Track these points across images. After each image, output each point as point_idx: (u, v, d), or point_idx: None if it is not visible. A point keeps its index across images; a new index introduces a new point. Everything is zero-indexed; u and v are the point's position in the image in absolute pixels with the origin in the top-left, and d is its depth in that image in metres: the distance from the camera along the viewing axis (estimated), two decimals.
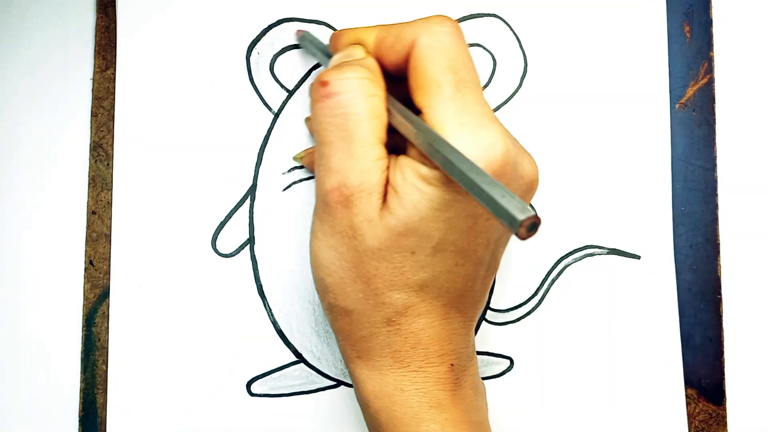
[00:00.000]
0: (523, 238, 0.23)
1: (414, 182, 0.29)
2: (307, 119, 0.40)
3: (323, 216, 0.31)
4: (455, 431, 0.32)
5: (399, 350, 0.32)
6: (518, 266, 0.41)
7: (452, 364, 0.32)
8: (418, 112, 0.31)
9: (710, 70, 0.41)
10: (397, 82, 0.32)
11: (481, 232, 0.31)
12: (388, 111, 0.31)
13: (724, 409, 0.40)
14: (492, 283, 0.35)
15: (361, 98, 0.30)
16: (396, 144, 0.31)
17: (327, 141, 0.31)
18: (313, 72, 0.41)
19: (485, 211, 0.30)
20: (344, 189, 0.30)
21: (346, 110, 0.30)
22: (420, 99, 0.30)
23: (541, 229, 0.41)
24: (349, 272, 0.31)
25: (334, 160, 0.30)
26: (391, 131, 0.31)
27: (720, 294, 0.41)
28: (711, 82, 0.41)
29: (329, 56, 0.35)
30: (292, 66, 0.41)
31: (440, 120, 0.29)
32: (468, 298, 0.33)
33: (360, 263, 0.31)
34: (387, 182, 0.30)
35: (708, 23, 0.41)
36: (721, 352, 0.40)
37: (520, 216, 0.23)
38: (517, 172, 0.31)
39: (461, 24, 0.41)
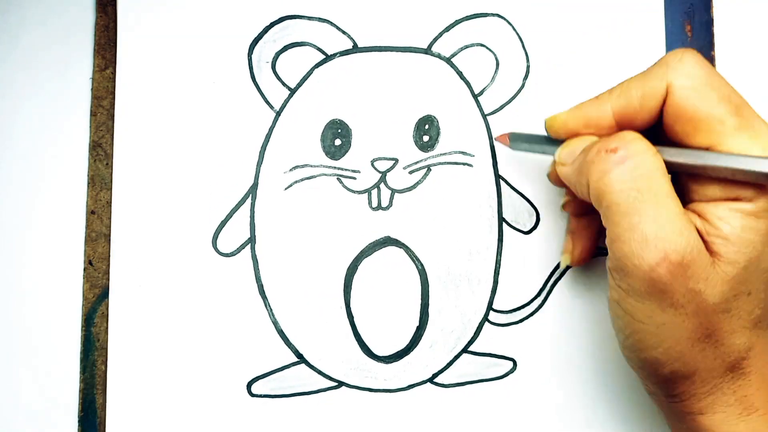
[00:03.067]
0: None
1: (743, 222, 0.28)
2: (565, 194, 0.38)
3: (649, 296, 0.29)
4: None
5: (746, 395, 0.31)
6: (521, 267, 0.41)
7: None
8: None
9: None
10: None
11: None
12: (671, 162, 0.30)
13: None
14: None
15: (654, 156, 0.29)
16: None
17: (631, 209, 0.29)
18: (316, 70, 0.41)
19: None
20: (674, 255, 0.28)
21: (647, 170, 0.29)
22: (704, 140, 0.29)
23: (543, 230, 0.41)
24: (687, 339, 0.30)
25: (649, 228, 0.28)
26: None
27: None
28: None
29: (549, 141, 0.35)
30: (294, 64, 0.41)
31: (739, 152, 0.29)
32: None
33: (699, 325, 0.29)
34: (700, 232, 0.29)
35: (709, 22, 0.42)
36: None
37: None
38: None
39: (464, 23, 0.41)
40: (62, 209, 0.41)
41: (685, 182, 0.31)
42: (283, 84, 0.41)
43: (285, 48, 0.41)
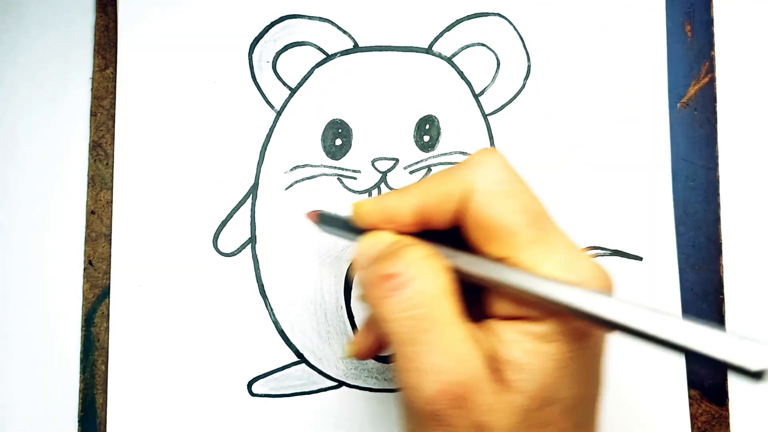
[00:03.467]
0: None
1: (532, 347, 0.26)
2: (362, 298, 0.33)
3: (429, 430, 0.26)
4: None
5: None
6: None
7: None
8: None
9: (711, 69, 0.41)
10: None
11: (601, 372, 0.28)
12: (462, 271, 0.28)
13: (727, 410, 0.40)
14: None
15: (434, 278, 0.27)
16: None
17: (408, 339, 0.26)
18: (317, 70, 0.41)
19: (603, 348, 0.27)
20: (454, 387, 0.25)
21: (424, 297, 0.27)
22: (498, 250, 0.27)
23: None
24: None
25: (427, 359, 0.26)
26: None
27: (722, 294, 0.41)
28: (712, 82, 0.41)
29: (353, 229, 0.32)
30: (295, 63, 0.41)
31: (531, 266, 0.26)
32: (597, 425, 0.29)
33: None
34: (490, 358, 0.27)
35: (709, 22, 0.42)
36: None
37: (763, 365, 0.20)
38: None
39: (465, 23, 0.41)
40: (62, 209, 0.41)
41: (484, 292, 0.29)
42: (284, 84, 0.41)
43: (286, 48, 0.41)
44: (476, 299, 0.29)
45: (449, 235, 0.29)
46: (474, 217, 0.27)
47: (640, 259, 0.41)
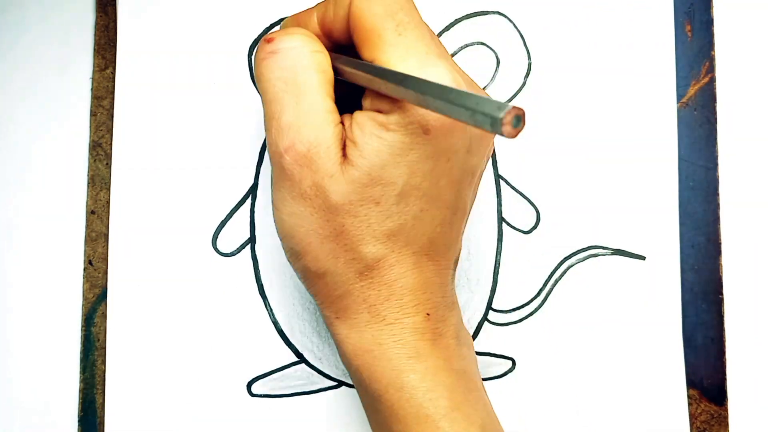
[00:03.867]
0: (511, 136, 0.22)
1: (372, 131, 0.29)
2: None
3: (281, 182, 0.31)
4: (435, 379, 0.31)
5: (374, 304, 0.31)
6: (521, 266, 0.41)
7: (428, 314, 0.32)
8: None
9: (711, 69, 0.41)
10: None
11: (443, 174, 0.30)
12: (339, 68, 0.31)
13: (726, 410, 0.40)
14: (463, 229, 0.34)
15: (307, 52, 0.30)
16: (346, 107, 0.31)
17: (275, 98, 0.30)
18: None
19: (446, 150, 0.30)
20: (300, 146, 0.29)
21: (294, 63, 0.30)
22: (366, 53, 0.30)
23: (544, 229, 0.41)
24: (316, 234, 0.31)
25: (285, 118, 0.30)
26: (343, 92, 0.31)
27: (722, 294, 0.41)
28: (712, 81, 0.41)
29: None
30: None
31: (390, 66, 0.29)
32: (439, 245, 0.32)
33: (326, 222, 0.30)
34: (343, 137, 0.30)
35: (709, 22, 0.42)
36: (723, 353, 0.40)
37: (499, 113, 0.22)
38: None
39: (464, 22, 0.41)
40: (62, 209, 0.41)
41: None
42: None
43: None
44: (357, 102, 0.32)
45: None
46: (352, 21, 0.30)
47: (643, 258, 0.41)
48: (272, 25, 0.41)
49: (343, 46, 0.32)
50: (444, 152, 0.30)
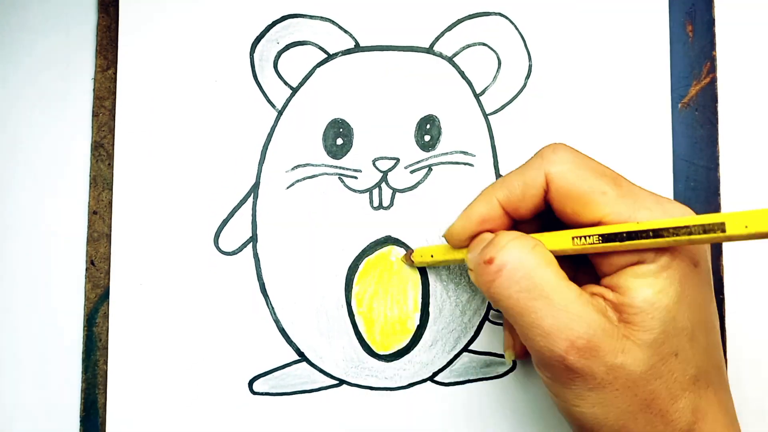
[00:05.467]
0: None
1: (645, 287, 0.29)
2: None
3: (571, 381, 0.30)
4: None
5: None
6: None
7: None
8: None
9: (713, 69, 0.41)
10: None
11: (710, 300, 0.31)
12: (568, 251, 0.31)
13: None
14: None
15: (529, 255, 0.30)
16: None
17: (526, 310, 0.30)
18: (318, 69, 0.41)
19: (709, 274, 0.31)
20: (579, 341, 0.29)
21: (525, 272, 0.30)
22: (592, 214, 0.30)
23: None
24: (627, 413, 0.30)
25: (547, 322, 0.29)
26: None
27: (723, 294, 0.41)
28: (713, 82, 0.41)
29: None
30: (296, 63, 0.41)
31: (628, 216, 0.30)
32: (723, 372, 0.32)
33: (634, 397, 0.29)
34: (604, 305, 0.30)
35: (710, 23, 0.42)
36: (724, 353, 0.40)
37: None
38: None
39: (466, 22, 0.41)
40: (64, 209, 0.41)
41: (592, 258, 0.32)
42: (285, 83, 0.41)
43: (287, 47, 0.41)
44: (581, 272, 0.33)
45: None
46: (560, 196, 0.31)
47: None
48: (274, 23, 0.41)
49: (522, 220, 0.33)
50: (709, 277, 0.30)
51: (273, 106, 0.41)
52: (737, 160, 0.41)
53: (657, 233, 0.28)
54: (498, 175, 0.41)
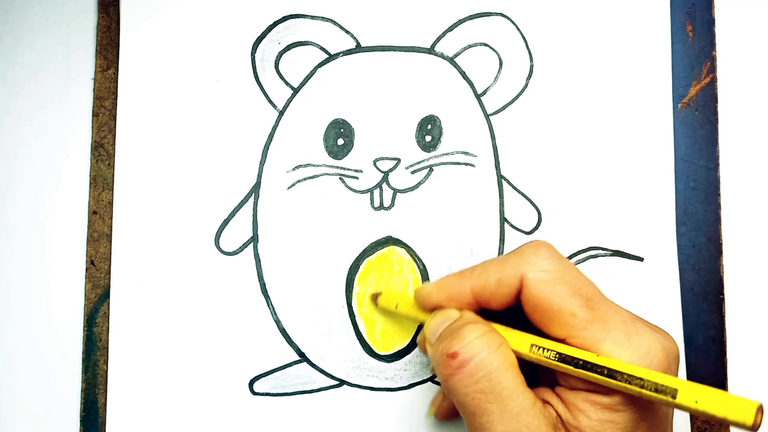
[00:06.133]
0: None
1: (599, 416, 0.29)
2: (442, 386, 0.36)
3: None
4: None
5: None
6: None
7: None
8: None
9: (713, 69, 0.41)
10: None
11: (670, 429, 0.31)
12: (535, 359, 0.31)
13: None
14: None
15: (494, 354, 0.30)
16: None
17: (479, 410, 0.29)
18: (319, 69, 0.41)
19: (668, 412, 0.30)
20: None
21: (487, 371, 0.29)
22: (559, 331, 0.30)
23: (545, 229, 0.41)
24: None
25: (497, 428, 0.29)
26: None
27: (723, 294, 0.41)
28: (713, 82, 0.41)
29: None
30: (297, 63, 0.41)
31: (591, 344, 0.29)
32: None
33: None
34: (555, 418, 0.30)
35: (710, 23, 0.42)
36: (724, 353, 0.40)
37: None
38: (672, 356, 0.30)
39: (467, 23, 0.41)
40: (64, 209, 0.41)
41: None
42: (286, 83, 0.41)
43: (288, 47, 0.41)
44: (539, 368, 0.31)
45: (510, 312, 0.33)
46: (531, 303, 0.30)
47: (641, 259, 0.41)
48: (276, 23, 0.41)
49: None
50: (667, 419, 0.30)
51: (274, 106, 0.41)
52: (737, 160, 0.41)
53: (611, 373, 0.28)
54: (499, 176, 0.41)
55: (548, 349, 0.30)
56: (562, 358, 0.30)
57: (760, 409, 0.25)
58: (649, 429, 0.29)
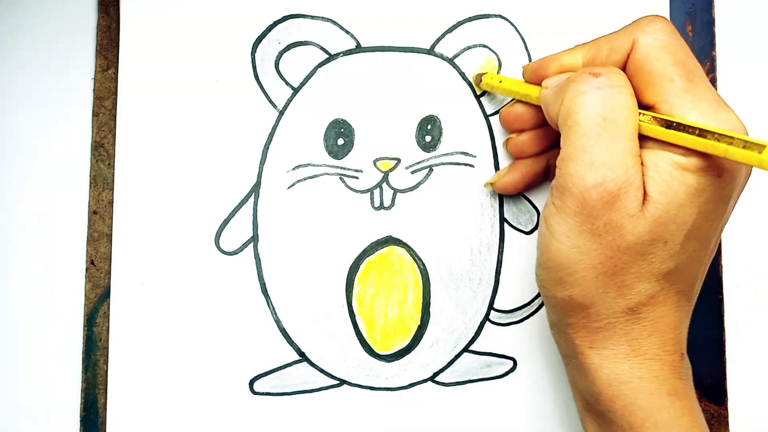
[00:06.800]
0: None
1: (672, 171, 0.30)
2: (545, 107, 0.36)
3: (574, 215, 0.30)
4: (690, 420, 0.31)
5: (636, 338, 0.32)
6: (522, 267, 0.41)
7: (683, 354, 0.32)
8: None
9: (712, 69, 0.42)
10: None
11: (719, 217, 0.31)
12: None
13: (726, 409, 0.40)
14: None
15: (630, 93, 0.31)
16: None
17: (590, 133, 0.30)
18: (319, 69, 0.41)
19: (728, 193, 0.31)
20: (611, 184, 0.29)
21: (620, 103, 0.30)
22: (652, 96, 0.31)
23: None
24: (594, 269, 0.31)
25: (600, 156, 0.30)
26: None
27: (721, 294, 0.41)
28: (713, 82, 0.41)
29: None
30: (298, 63, 0.41)
31: (679, 111, 0.30)
32: (695, 285, 0.33)
33: (609, 259, 0.30)
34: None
35: (710, 23, 0.42)
36: (723, 352, 0.40)
37: None
38: None
39: (466, 24, 0.41)
40: (64, 209, 0.41)
41: None
42: (287, 83, 0.41)
43: (288, 47, 0.41)
44: None
45: None
46: (635, 66, 0.31)
47: None
48: (276, 23, 0.41)
49: None
50: (726, 195, 0.31)
51: (274, 106, 0.41)
52: None
53: (702, 133, 0.29)
54: None
55: (642, 113, 0.31)
56: (656, 119, 0.30)
57: None
58: (709, 199, 0.30)
